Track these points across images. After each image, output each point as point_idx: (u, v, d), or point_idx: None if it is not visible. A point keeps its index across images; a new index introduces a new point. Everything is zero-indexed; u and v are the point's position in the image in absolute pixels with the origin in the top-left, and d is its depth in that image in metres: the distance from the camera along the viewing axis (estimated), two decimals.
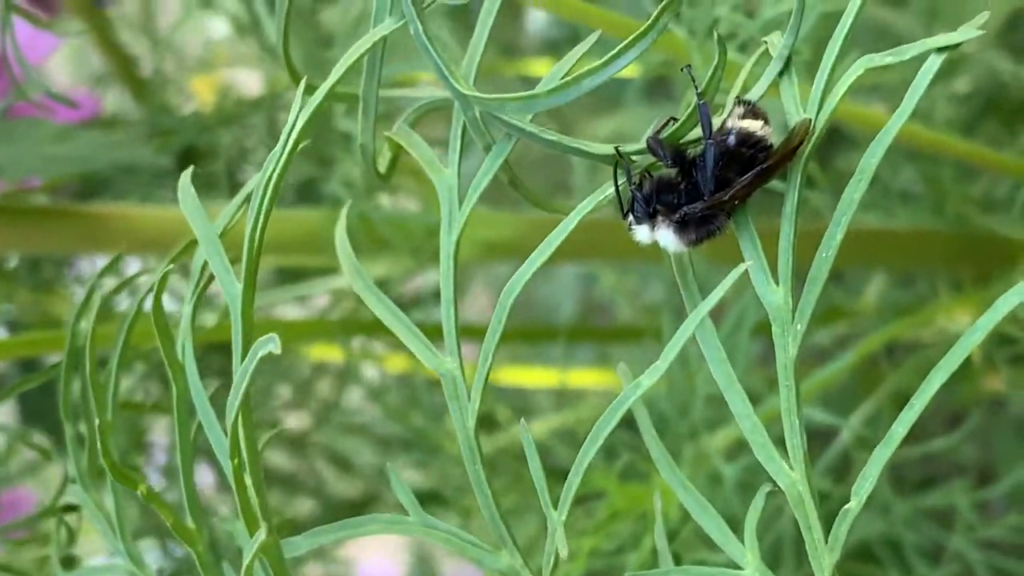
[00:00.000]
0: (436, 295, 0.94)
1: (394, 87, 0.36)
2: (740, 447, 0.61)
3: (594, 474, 0.59)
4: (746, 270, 0.29)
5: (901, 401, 0.74)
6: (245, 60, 0.79)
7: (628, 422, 0.67)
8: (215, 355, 0.77)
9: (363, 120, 0.33)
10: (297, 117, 0.32)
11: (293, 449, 0.84)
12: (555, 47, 0.98)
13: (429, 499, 0.82)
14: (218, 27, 0.83)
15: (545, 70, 0.93)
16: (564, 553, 0.30)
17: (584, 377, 0.85)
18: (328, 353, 0.78)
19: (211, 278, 0.32)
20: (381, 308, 0.33)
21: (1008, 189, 0.73)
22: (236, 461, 0.29)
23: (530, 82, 0.97)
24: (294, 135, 0.31)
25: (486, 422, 0.88)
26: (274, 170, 0.32)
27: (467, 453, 0.32)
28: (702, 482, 0.54)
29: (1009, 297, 0.27)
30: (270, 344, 0.28)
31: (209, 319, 0.72)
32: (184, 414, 0.34)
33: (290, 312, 0.77)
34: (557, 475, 0.65)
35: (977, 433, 0.88)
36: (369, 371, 0.83)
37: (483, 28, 0.33)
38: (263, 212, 0.31)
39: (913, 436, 0.73)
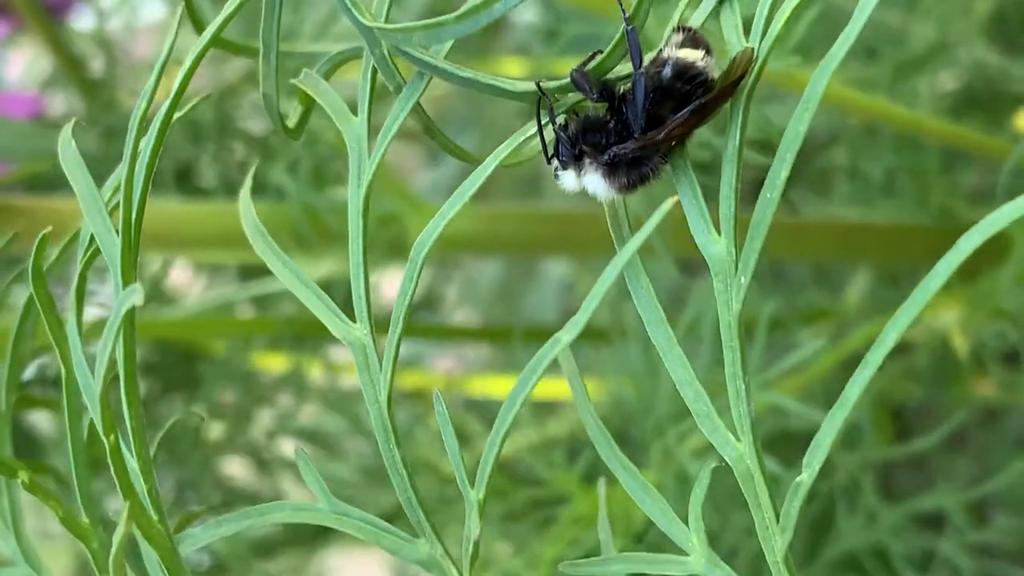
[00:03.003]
0: (419, 302, 0.91)
1: None
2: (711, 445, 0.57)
3: (557, 478, 0.55)
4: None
5: (885, 401, 0.70)
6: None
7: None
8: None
9: (264, 66, 0.30)
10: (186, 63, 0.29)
11: (254, 460, 0.80)
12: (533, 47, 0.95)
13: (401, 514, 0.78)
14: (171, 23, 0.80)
15: (519, 70, 0.90)
16: (476, 534, 0.27)
17: (562, 388, 0.82)
18: (286, 362, 0.75)
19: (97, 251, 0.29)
20: (286, 272, 0.30)
21: (994, 180, 0.70)
22: (112, 438, 0.26)
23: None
24: (181, 77, 0.28)
25: (457, 435, 0.85)
26: (166, 115, 0.29)
27: (380, 431, 0.29)
28: (670, 480, 0.51)
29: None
30: (133, 296, 0.24)
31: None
32: (73, 400, 0.30)
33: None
34: (530, 485, 0.62)
35: (974, 446, 0.85)
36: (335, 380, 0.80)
37: None
38: (148, 160, 0.28)
39: (909, 449, 0.70)
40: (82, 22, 0.80)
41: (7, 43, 0.83)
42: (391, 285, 0.82)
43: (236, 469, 0.82)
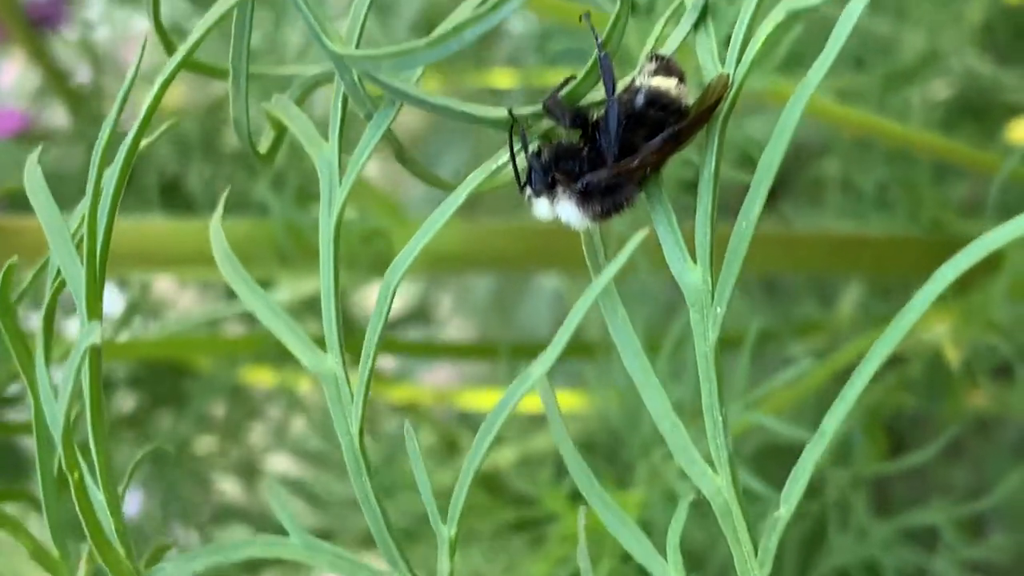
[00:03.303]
0: (412, 313, 0.90)
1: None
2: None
3: (544, 496, 0.55)
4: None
5: (879, 413, 0.70)
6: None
7: (583, 442, 0.63)
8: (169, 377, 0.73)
9: (233, 91, 0.30)
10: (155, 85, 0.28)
11: (245, 479, 0.80)
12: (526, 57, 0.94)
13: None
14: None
15: (510, 81, 0.90)
16: (446, 573, 0.26)
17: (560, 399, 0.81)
18: (275, 378, 0.74)
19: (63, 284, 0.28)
20: (256, 302, 0.29)
21: (986, 192, 0.69)
22: (76, 475, 0.25)
23: (499, 94, 0.94)
24: (150, 100, 0.28)
25: (448, 448, 0.84)
26: (135, 136, 0.28)
27: (352, 464, 0.28)
28: (658, 498, 0.50)
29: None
30: (93, 334, 0.24)
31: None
32: (43, 430, 0.30)
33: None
34: (519, 503, 0.61)
35: (970, 457, 0.85)
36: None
37: None
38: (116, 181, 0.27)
39: (903, 459, 0.70)
40: (70, 33, 0.80)
41: None
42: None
43: (228, 484, 0.82)
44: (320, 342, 0.29)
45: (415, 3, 0.88)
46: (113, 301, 0.65)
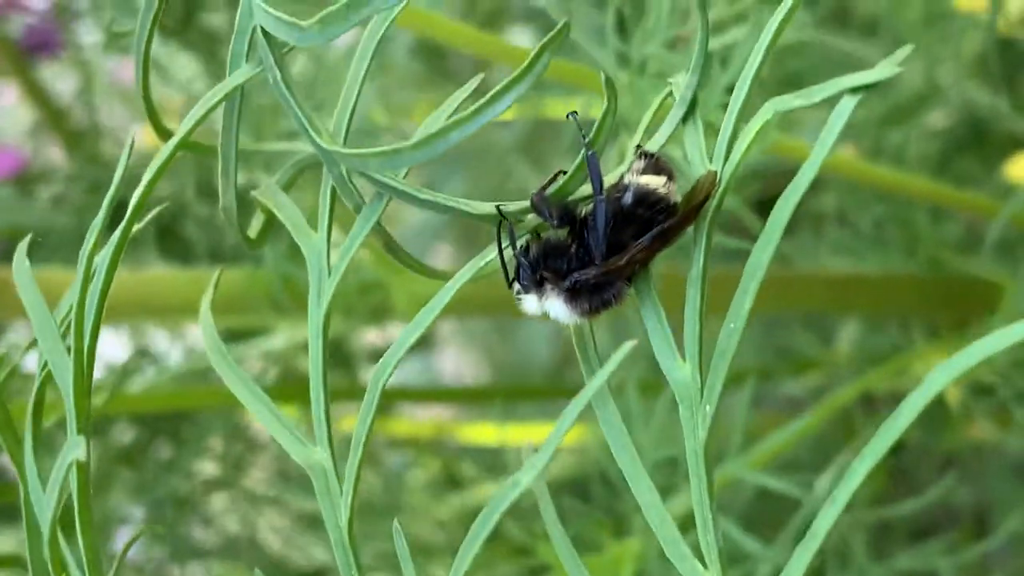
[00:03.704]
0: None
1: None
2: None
3: (540, 546, 0.55)
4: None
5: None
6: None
7: (576, 489, 0.63)
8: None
9: (223, 179, 0.30)
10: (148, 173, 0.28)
11: (244, 514, 0.80)
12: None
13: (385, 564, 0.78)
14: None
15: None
16: None
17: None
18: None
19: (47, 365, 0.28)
20: (243, 390, 0.29)
21: (983, 229, 0.69)
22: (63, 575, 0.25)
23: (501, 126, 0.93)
24: (140, 190, 0.28)
25: (450, 481, 0.84)
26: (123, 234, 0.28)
27: (341, 559, 0.28)
28: (654, 555, 0.50)
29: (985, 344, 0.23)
30: (77, 450, 0.24)
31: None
32: (31, 519, 0.30)
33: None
34: (516, 552, 0.61)
35: (972, 477, 0.84)
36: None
37: (356, 75, 0.29)
38: (102, 283, 0.27)
39: (904, 483, 0.69)
40: (66, 58, 0.79)
41: None
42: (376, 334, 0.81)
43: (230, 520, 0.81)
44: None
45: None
46: (112, 345, 0.66)
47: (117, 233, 0.29)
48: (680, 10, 0.42)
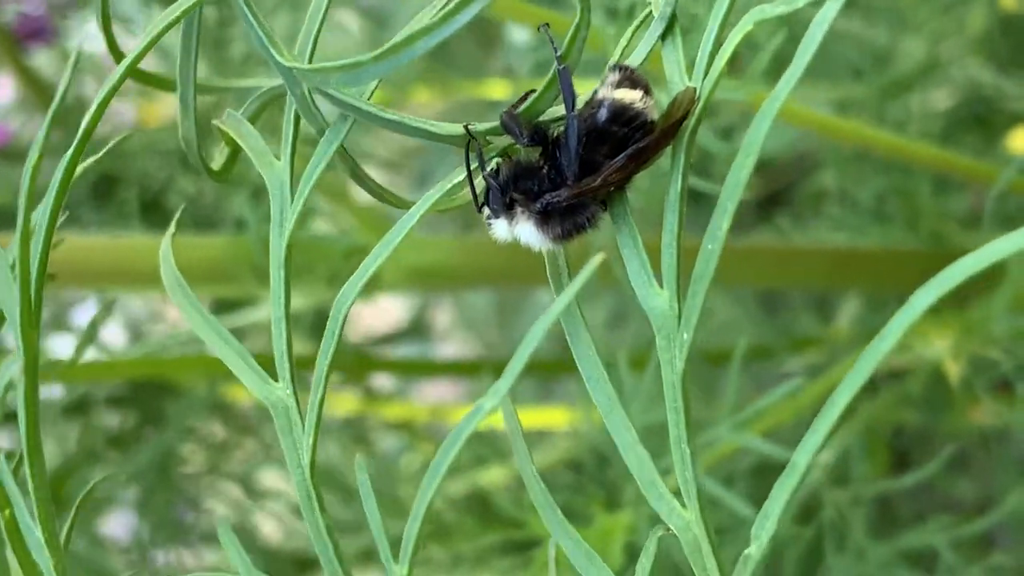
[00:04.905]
0: (408, 328, 0.88)
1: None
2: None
3: (531, 518, 0.53)
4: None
5: (875, 433, 0.68)
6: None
7: (571, 462, 0.61)
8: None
9: (181, 107, 0.28)
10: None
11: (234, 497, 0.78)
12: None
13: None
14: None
15: (504, 91, 0.88)
16: None
17: (552, 416, 0.80)
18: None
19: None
20: (205, 328, 0.28)
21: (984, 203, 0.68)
22: (7, 512, 0.24)
23: (496, 105, 0.92)
24: (89, 117, 0.26)
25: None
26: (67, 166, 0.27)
27: (303, 498, 0.27)
28: (645, 527, 0.49)
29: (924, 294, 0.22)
30: (13, 367, 0.22)
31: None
32: None
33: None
34: (507, 525, 0.60)
35: (976, 470, 0.83)
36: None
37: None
38: (49, 221, 0.26)
39: (906, 468, 0.68)
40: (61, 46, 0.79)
41: None
42: (370, 314, 0.80)
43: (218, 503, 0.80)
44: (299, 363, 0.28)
45: (411, 15, 0.86)
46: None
47: (62, 165, 0.28)
48: None
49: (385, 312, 0.93)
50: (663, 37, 0.26)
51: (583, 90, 0.26)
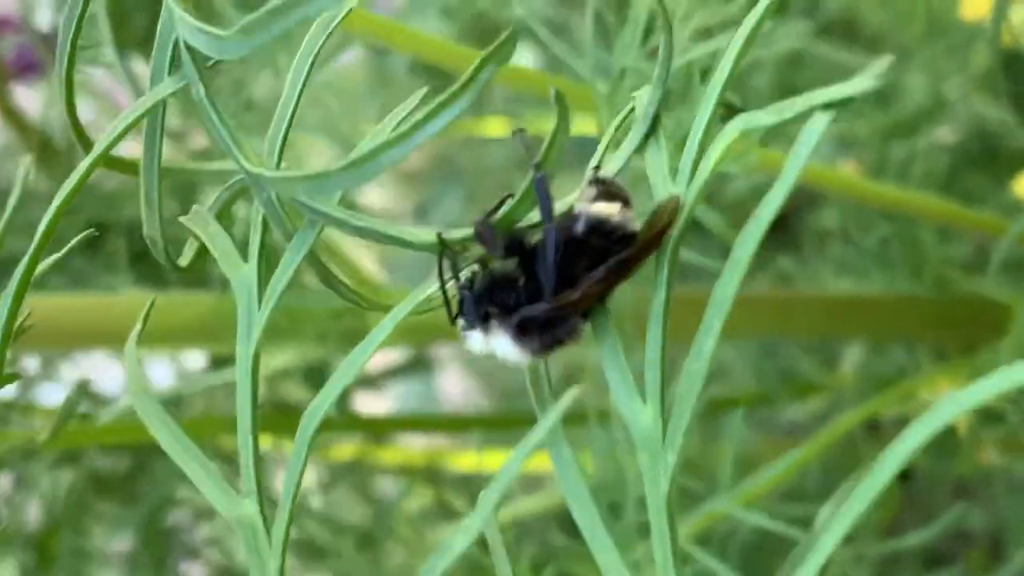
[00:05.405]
0: (409, 363, 0.86)
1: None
2: (701, 540, 0.54)
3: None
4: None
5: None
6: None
7: (565, 523, 0.60)
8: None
9: (145, 206, 0.27)
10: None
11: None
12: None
13: None
14: None
15: (502, 129, 0.87)
16: None
17: (544, 460, 0.78)
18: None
19: None
20: (172, 443, 0.27)
21: (990, 248, 0.66)
22: None
23: (493, 144, 0.91)
24: (54, 207, 0.25)
25: (442, 511, 0.81)
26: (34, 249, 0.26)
27: None
28: None
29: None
30: None
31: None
32: None
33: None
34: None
35: (984, 503, 0.82)
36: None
37: (291, 91, 0.26)
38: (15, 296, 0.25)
39: (915, 510, 0.67)
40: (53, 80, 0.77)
41: None
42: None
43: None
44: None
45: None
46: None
47: (23, 265, 0.27)
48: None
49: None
50: (645, 139, 0.25)
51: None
